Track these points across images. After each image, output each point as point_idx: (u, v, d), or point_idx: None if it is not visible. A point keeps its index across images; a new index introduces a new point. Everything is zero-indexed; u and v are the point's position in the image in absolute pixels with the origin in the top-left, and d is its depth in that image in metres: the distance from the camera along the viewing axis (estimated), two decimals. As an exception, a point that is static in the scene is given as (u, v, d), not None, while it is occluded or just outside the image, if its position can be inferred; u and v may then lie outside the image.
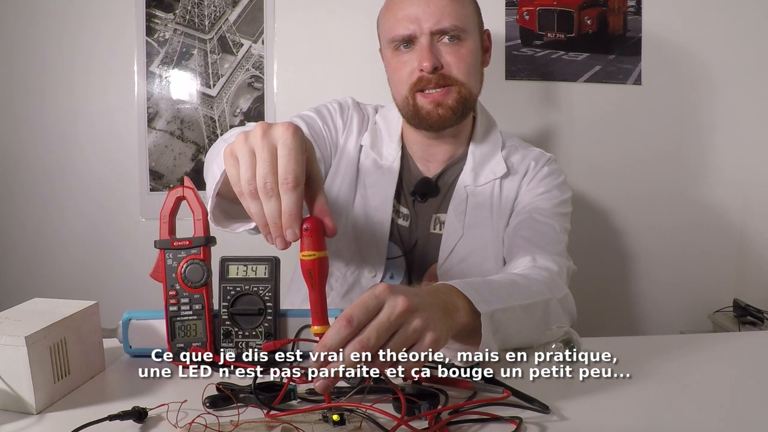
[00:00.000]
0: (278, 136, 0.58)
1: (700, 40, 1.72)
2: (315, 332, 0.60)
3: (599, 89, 1.72)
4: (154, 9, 1.64)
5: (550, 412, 0.65)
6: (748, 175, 1.77)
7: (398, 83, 1.08)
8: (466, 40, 1.05)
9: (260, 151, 0.58)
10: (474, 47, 1.06)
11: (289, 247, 0.60)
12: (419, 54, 1.03)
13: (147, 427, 0.64)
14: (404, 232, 1.13)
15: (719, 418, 0.66)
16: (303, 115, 1.13)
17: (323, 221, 0.60)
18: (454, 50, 1.04)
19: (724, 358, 0.85)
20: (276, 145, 0.58)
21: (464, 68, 1.04)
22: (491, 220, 1.11)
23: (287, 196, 0.57)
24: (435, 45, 1.03)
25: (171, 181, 1.69)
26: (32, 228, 1.70)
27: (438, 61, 1.02)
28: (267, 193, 0.57)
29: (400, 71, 1.06)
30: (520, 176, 1.14)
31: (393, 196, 1.12)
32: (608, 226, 1.74)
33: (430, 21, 1.02)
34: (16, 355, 0.65)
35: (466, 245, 1.10)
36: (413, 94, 1.05)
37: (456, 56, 1.03)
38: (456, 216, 1.11)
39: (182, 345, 0.80)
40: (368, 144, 1.15)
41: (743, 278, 1.81)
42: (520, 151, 1.18)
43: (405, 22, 1.03)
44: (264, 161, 0.58)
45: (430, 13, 1.01)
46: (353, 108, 1.18)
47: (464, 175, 1.13)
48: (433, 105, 1.04)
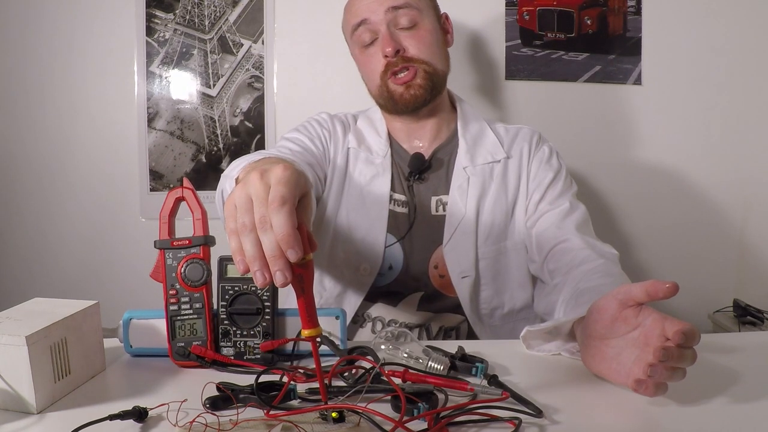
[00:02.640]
0: (272, 175, 0.58)
1: (700, 40, 1.72)
2: (306, 335, 0.60)
3: (599, 89, 1.72)
4: (154, 9, 1.65)
5: (543, 416, 0.65)
6: (748, 175, 1.77)
7: (370, 74, 1.16)
8: (422, 21, 1.13)
9: (256, 192, 0.57)
10: (431, 27, 1.15)
11: (288, 285, 0.57)
12: (381, 43, 1.11)
13: (147, 426, 0.64)
14: (401, 219, 1.15)
15: (719, 419, 0.66)
16: (289, 137, 1.18)
17: (305, 228, 0.59)
18: (411, 33, 1.12)
19: (724, 358, 0.85)
20: (270, 184, 0.58)
21: (424, 47, 1.12)
22: (495, 199, 1.15)
23: (276, 215, 0.55)
24: (394, 31, 1.12)
25: (171, 181, 1.69)
26: (32, 228, 1.71)
27: (399, 44, 1.11)
28: (263, 226, 0.56)
29: (369, 64, 1.15)
30: (518, 156, 1.18)
31: (389, 187, 1.15)
32: (608, 226, 1.74)
33: (385, 3, 1.11)
34: (17, 355, 0.65)
35: (470, 224, 1.13)
36: (385, 81, 1.13)
37: (415, 38, 1.12)
38: (459, 195, 1.14)
39: (183, 344, 0.81)
40: (355, 145, 1.19)
41: (743, 278, 1.81)
42: (502, 126, 1.25)
43: (361, 10, 1.13)
44: (260, 200, 0.57)
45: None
46: (330, 120, 1.23)
47: (460, 157, 1.17)
48: (404, 87, 1.12)
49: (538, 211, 1.14)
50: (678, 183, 1.77)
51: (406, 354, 0.78)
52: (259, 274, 0.56)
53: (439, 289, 1.15)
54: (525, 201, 1.15)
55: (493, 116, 1.61)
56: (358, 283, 1.14)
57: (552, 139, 1.25)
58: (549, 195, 1.14)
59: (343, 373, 0.74)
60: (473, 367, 0.76)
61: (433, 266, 1.14)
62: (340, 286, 1.16)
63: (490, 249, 1.14)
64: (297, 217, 0.57)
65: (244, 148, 1.68)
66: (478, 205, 1.14)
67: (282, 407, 0.65)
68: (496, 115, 1.70)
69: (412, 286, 1.15)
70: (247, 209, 0.57)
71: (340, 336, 0.83)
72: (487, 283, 1.14)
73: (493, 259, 1.14)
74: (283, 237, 0.55)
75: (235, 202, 0.58)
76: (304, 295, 0.59)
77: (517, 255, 1.15)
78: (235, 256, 0.58)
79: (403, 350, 0.79)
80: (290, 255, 0.55)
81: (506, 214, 1.15)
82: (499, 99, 1.71)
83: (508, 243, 1.15)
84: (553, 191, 1.15)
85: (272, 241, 0.55)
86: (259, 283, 0.56)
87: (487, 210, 1.14)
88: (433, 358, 0.77)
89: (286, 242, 0.55)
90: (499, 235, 1.14)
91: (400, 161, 1.18)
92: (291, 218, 0.55)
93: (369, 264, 1.13)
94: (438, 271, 1.14)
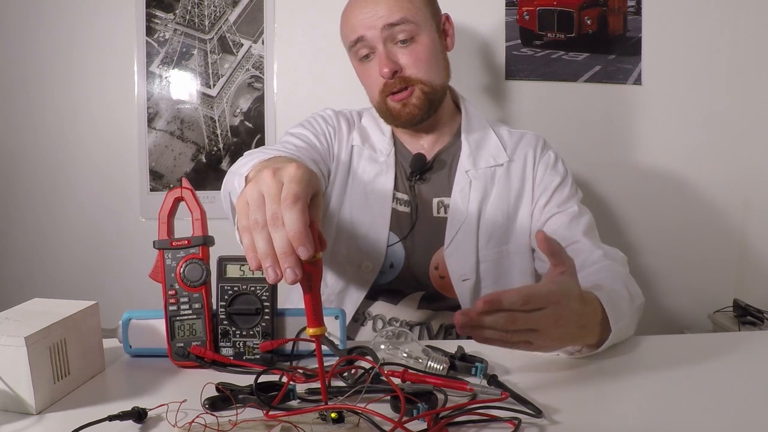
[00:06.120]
0: (284, 173, 0.58)
1: (700, 40, 1.72)
2: (311, 334, 0.60)
3: (599, 89, 1.72)
4: (154, 9, 1.65)
5: (542, 416, 0.65)
6: (748, 175, 1.77)
7: (369, 90, 1.15)
8: (419, 35, 1.10)
9: (268, 190, 0.57)
10: (429, 41, 1.11)
11: (297, 282, 0.57)
12: (378, 61, 1.09)
13: (147, 427, 0.64)
14: (404, 218, 1.15)
15: (719, 419, 0.66)
16: (294, 133, 1.17)
17: (316, 226, 0.59)
18: (409, 51, 1.09)
19: (724, 358, 0.84)
20: (283, 182, 0.58)
21: (422, 66, 1.10)
22: (497, 202, 1.14)
23: (288, 213, 0.55)
24: (391, 50, 1.09)
25: (171, 181, 1.69)
26: (32, 228, 1.71)
27: (396, 64, 1.09)
28: (275, 223, 0.56)
29: (368, 80, 1.14)
30: (521, 160, 1.18)
31: (392, 185, 1.15)
32: (608, 226, 1.74)
33: (381, 20, 1.08)
34: (16, 356, 0.65)
35: (471, 227, 1.13)
36: (383, 98, 1.12)
37: (412, 56, 1.09)
38: (461, 198, 1.14)
39: (182, 344, 0.81)
40: (359, 142, 1.19)
41: (743, 278, 1.81)
42: (506, 129, 1.24)
43: (357, 27, 1.10)
44: (272, 198, 0.57)
45: (378, 14, 1.08)
46: (335, 116, 1.22)
47: (462, 159, 1.17)
48: (401, 105, 1.11)
49: (545, 214, 1.13)
50: (677, 183, 1.77)
51: (406, 354, 0.78)
52: (270, 271, 0.57)
53: (440, 290, 1.15)
54: (530, 206, 1.15)
55: (493, 116, 1.61)
56: (359, 281, 1.14)
57: (552, 139, 1.25)
58: (556, 199, 1.14)
59: (342, 373, 0.74)
60: (473, 367, 0.76)
61: (434, 267, 1.14)
62: (342, 283, 1.16)
63: (491, 252, 1.13)
64: (308, 215, 0.57)
65: (244, 148, 1.68)
66: (479, 209, 1.14)
67: (281, 407, 0.65)
68: (496, 115, 1.69)
69: (412, 285, 1.15)
70: (259, 206, 0.57)
71: (339, 336, 0.83)
72: (488, 286, 1.13)
73: (494, 262, 1.14)
74: (295, 234, 0.55)
75: (247, 199, 0.59)
76: (312, 294, 0.59)
77: (520, 258, 1.15)
78: (248, 253, 0.58)
79: (402, 350, 0.79)
80: (301, 252, 0.55)
81: (508, 217, 1.15)
82: (499, 99, 1.71)
83: (510, 246, 1.15)
84: (559, 195, 1.15)
85: (284, 238, 0.56)
86: (271, 279, 0.57)
87: (489, 213, 1.14)
88: (432, 358, 0.77)
89: (297, 239, 0.55)
90: (500, 238, 1.14)
91: (403, 160, 1.18)
92: (303, 216, 0.56)
93: (371, 261, 1.13)
94: (438, 273, 1.14)
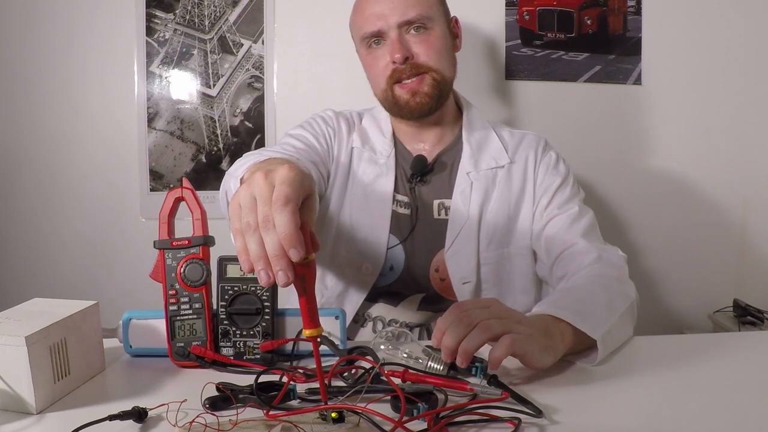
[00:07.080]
0: (276, 175, 0.58)
1: (700, 40, 1.72)
2: (307, 335, 0.60)
3: (599, 89, 1.72)
4: (154, 9, 1.65)
5: (542, 416, 0.65)
6: (748, 175, 1.77)
7: (376, 78, 1.13)
8: (432, 27, 1.10)
9: (260, 192, 0.57)
10: (442, 33, 1.12)
11: (290, 284, 0.57)
12: (390, 47, 1.09)
13: (147, 427, 0.64)
14: (404, 220, 1.15)
15: (719, 419, 0.66)
16: (294, 134, 1.17)
17: (308, 228, 0.59)
18: (422, 39, 1.09)
19: (724, 358, 0.85)
20: (274, 184, 0.58)
21: (434, 54, 1.10)
22: (498, 204, 1.14)
23: (278, 215, 0.55)
24: (404, 37, 1.09)
25: (171, 181, 1.69)
26: (32, 228, 1.71)
27: (408, 51, 1.08)
28: (266, 225, 0.56)
29: (375, 67, 1.12)
30: (523, 161, 1.17)
31: (392, 188, 1.14)
32: (608, 226, 1.73)
33: (396, 14, 1.08)
34: (16, 355, 0.65)
35: (472, 230, 1.12)
36: (391, 86, 1.11)
37: (425, 44, 1.09)
38: (462, 200, 1.13)
39: (182, 344, 0.81)
40: (359, 144, 1.18)
41: (743, 278, 1.81)
42: (507, 130, 1.24)
43: (373, 19, 1.09)
44: (263, 200, 0.57)
45: (394, 8, 1.08)
46: (335, 117, 1.22)
47: (464, 162, 1.16)
48: (410, 94, 1.10)
49: (546, 215, 1.13)
50: (677, 183, 1.77)
51: (406, 354, 0.78)
52: (263, 273, 0.56)
53: (440, 293, 1.15)
54: (531, 207, 1.15)
55: (493, 116, 1.61)
56: (359, 283, 1.14)
57: (552, 139, 1.25)
58: (557, 199, 1.14)
59: (342, 373, 0.74)
60: (473, 367, 0.76)
61: (434, 269, 1.14)
62: (342, 285, 1.16)
63: (492, 254, 1.13)
64: (300, 217, 0.57)
65: (244, 148, 1.68)
66: (480, 211, 1.13)
67: (281, 407, 0.65)
68: (496, 115, 1.69)
69: (412, 288, 1.15)
70: (251, 209, 0.57)
71: (339, 336, 0.83)
72: (489, 289, 1.13)
73: (495, 264, 1.13)
74: (286, 236, 0.55)
75: (239, 201, 0.59)
76: (306, 295, 0.59)
77: (521, 260, 1.14)
78: (240, 256, 0.58)
79: (402, 350, 0.79)
80: (292, 254, 0.55)
81: (509, 219, 1.14)
82: (499, 99, 1.71)
83: (512, 248, 1.14)
84: (561, 196, 1.14)
85: (275, 240, 0.55)
86: (263, 282, 0.57)
87: (490, 215, 1.13)
88: (432, 358, 0.77)
89: (288, 241, 0.55)
90: (501, 240, 1.14)
91: (403, 162, 1.18)
92: (293, 218, 0.55)
93: (371, 264, 1.13)
94: (439, 275, 1.14)
